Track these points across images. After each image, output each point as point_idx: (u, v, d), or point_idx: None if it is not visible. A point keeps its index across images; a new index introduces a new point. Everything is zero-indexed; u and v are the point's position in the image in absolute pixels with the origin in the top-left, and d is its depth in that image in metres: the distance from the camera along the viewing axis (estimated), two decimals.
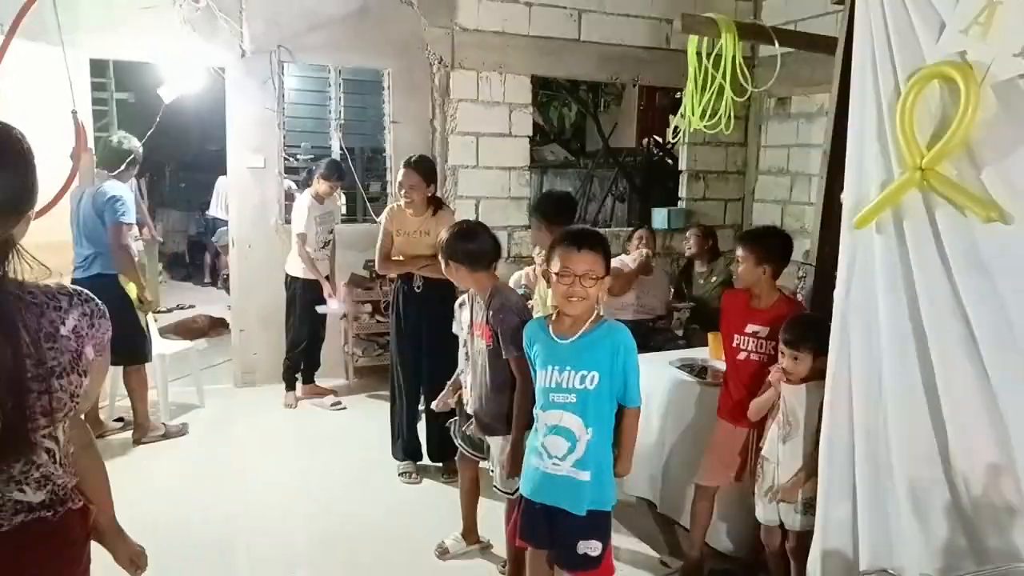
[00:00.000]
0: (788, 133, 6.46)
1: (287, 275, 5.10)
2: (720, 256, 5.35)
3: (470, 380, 2.88)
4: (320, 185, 5.01)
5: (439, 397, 3.13)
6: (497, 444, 2.79)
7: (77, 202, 4.34)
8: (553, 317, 2.35)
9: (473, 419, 2.86)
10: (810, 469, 2.48)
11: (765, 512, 2.68)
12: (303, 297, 5.03)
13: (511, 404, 2.65)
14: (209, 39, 5.08)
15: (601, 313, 2.34)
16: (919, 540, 2.12)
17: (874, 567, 2.13)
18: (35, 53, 4.45)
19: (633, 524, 3.41)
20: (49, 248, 4.76)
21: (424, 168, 3.89)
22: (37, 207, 1.35)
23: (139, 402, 4.38)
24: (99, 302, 1.40)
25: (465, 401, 2.95)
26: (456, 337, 3.01)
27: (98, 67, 7.08)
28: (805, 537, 2.52)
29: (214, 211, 9.09)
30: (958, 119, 1.95)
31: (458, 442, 3.08)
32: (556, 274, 2.25)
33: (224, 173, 7.71)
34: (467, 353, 2.91)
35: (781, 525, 2.65)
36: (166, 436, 4.45)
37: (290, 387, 5.15)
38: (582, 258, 2.21)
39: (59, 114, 4.47)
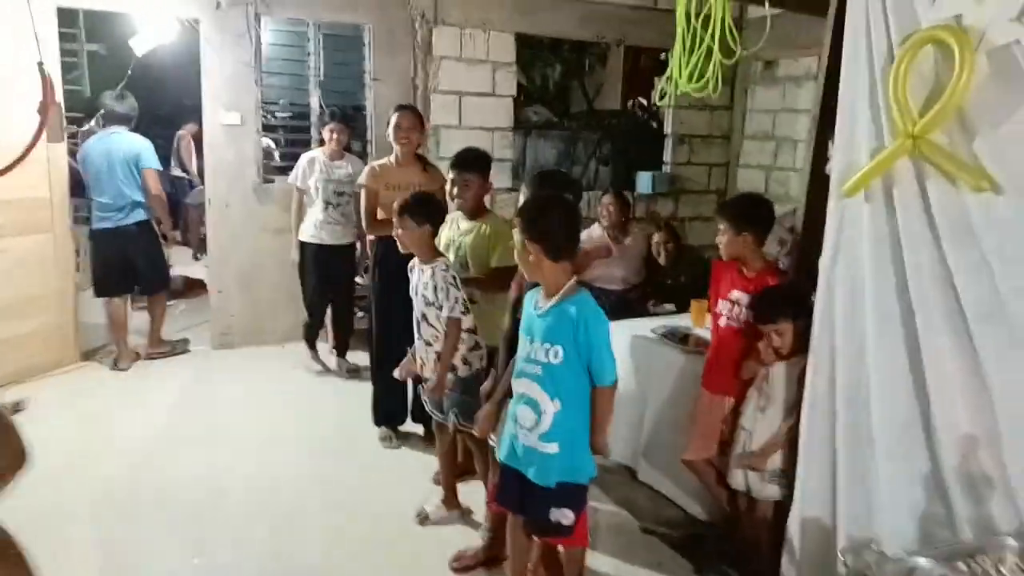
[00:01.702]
0: (774, 97, 6.40)
1: None
2: (683, 255, 4.90)
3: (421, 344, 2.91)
4: (326, 135, 4.79)
5: (401, 365, 3.11)
6: None
7: (87, 155, 4.74)
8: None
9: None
10: (782, 439, 2.48)
11: (734, 478, 2.68)
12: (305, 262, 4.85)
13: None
14: None
15: (574, 285, 2.25)
16: (898, 509, 2.13)
17: (854, 537, 2.14)
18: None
19: (612, 490, 3.42)
20: (23, 204, 4.69)
21: (418, 113, 3.91)
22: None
23: (158, 322, 5.15)
24: None
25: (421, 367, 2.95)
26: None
27: (68, 17, 6.83)
28: (769, 506, 2.54)
29: (174, 168, 8.53)
30: (951, 86, 1.90)
31: (430, 408, 3.05)
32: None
33: (179, 128, 7.51)
34: (421, 317, 2.90)
35: (748, 492, 2.65)
36: (172, 352, 5.19)
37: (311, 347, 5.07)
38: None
39: (25, 66, 4.32)
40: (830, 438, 2.27)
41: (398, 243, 2.99)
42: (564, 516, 2.29)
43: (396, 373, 3.18)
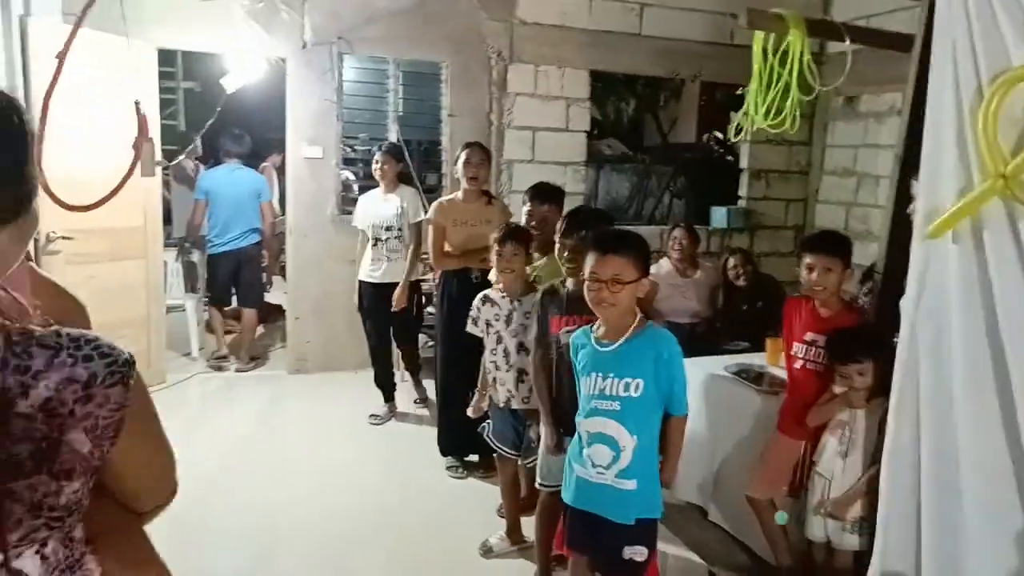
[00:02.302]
0: (856, 133, 6.23)
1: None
2: (761, 280, 4.85)
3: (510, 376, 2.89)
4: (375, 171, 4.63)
5: (473, 404, 3.14)
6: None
7: (214, 188, 5.49)
8: (598, 323, 2.31)
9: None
10: (865, 488, 2.38)
11: (814, 528, 2.58)
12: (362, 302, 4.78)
13: None
14: (271, 30, 5.15)
15: (645, 318, 2.27)
16: (988, 567, 2.01)
17: None
18: (103, 43, 4.56)
19: (682, 530, 3.33)
20: (118, 233, 4.96)
21: (486, 149, 4.01)
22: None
23: (248, 335, 5.77)
24: (116, 358, 0.94)
25: (503, 399, 2.95)
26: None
27: (166, 57, 7.26)
28: (848, 557, 2.43)
29: None
30: None
31: (494, 443, 3.05)
32: (586, 279, 2.21)
33: (263, 159, 7.88)
34: (503, 350, 2.91)
35: (828, 542, 2.54)
36: (255, 366, 5.71)
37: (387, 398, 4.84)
38: (607, 262, 2.17)
39: (124, 103, 4.60)
40: (914, 488, 2.16)
41: (501, 272, 2.99)
42: (638, 553, 2.26)
43: (470, 413, 3.22)
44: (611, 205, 9.04)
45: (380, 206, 4.58)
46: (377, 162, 4.56)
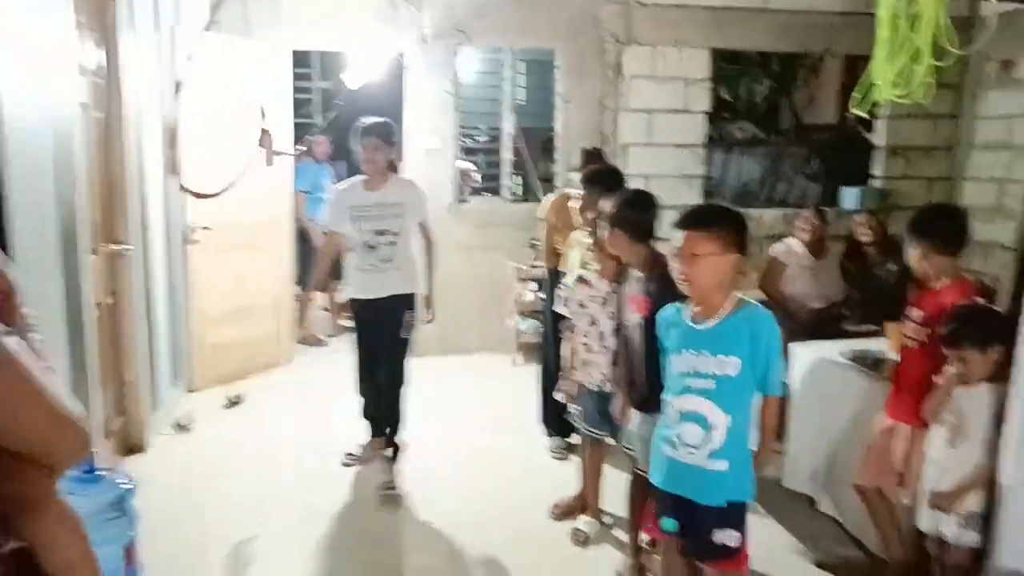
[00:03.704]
0: (1012, 102, 5.64)
1: None
2: (897, 244, 4.63)
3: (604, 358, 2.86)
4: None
5: (562, 388, 3.17)
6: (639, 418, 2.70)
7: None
8: (691, 302, 2.25)
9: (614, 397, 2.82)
10: (977, 479, 2.18)
11: (924, 520, 2.40)
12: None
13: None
14: (391, 26, 5.35)
15: (742, 297, 2.20)
16: None
17: None
18: (238, 47, 4.93)
19: (791, 520, 3.20)
20: (253, 224, 5.34)
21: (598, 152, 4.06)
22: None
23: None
24: None
25: (596, 381, 2.93)
26: None
27: (303, 58, 7.72)
28: (964, 555, 2.24)
29: None
30: None
31: (584, 426, 3.04)
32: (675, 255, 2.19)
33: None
34: (598, 332, 2.91)
35: (940, 537, 2.35)
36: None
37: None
38: (690, 238, 2.14)
39: (258, 105, 4.97)
40: None
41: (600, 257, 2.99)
42: (730, 537, 2.19)
43: (557, 396, 3.24)
44: (741, 189, 8.72)
45: (367, 203, 3.57)
46: (364, 146, 3.51)
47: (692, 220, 2.18)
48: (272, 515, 3.22)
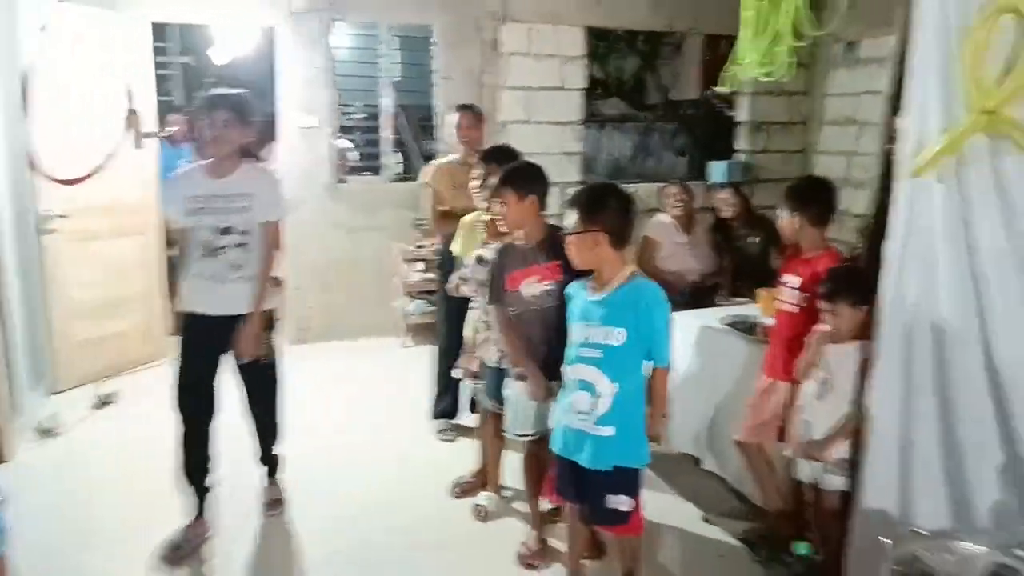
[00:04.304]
0: (857, 80, 6.11)
1: None
2: (757, 216, 4.79)
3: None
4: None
5: (459, 364, 3.19)
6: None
7: None
8: (593, 275, 2.33)
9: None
10: (845, 428, 2.40)
11: (800, 470, 2.62)
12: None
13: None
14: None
15: (634, 271, 2.30)
16: (973, 503, 2.03)
17: (921, 529, 2.04)
18: (93, 17, 4.54)
19: (676, 480, 3.37)
20: (115, 209, 4.98)
21: (478, 112, 3.95)
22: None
23: None
24: None
25: (495, 358, 2.94)
26: None
27: (162, 32, 7.22)
28: (835, 497, 2.46)
29: None
30: None
31: (489, 402, 3.06)
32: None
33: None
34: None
35: (816, 483, 2.57)
36: None
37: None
38: (583, 217, 2.26)
39: (116, 79, 4.61)
40: (898, 428, 2.16)
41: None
42: (621, 502, 2.31)
43: (455, 373, 3.26)
44: (614, 165, 8.98)
45: (207, 192, 2.81)
46: (209, 122, 2.79)
47: (586, 200, 2.26)
48: (152, 525, 3.00)
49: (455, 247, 3.38)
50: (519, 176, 2.68)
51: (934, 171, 2.06)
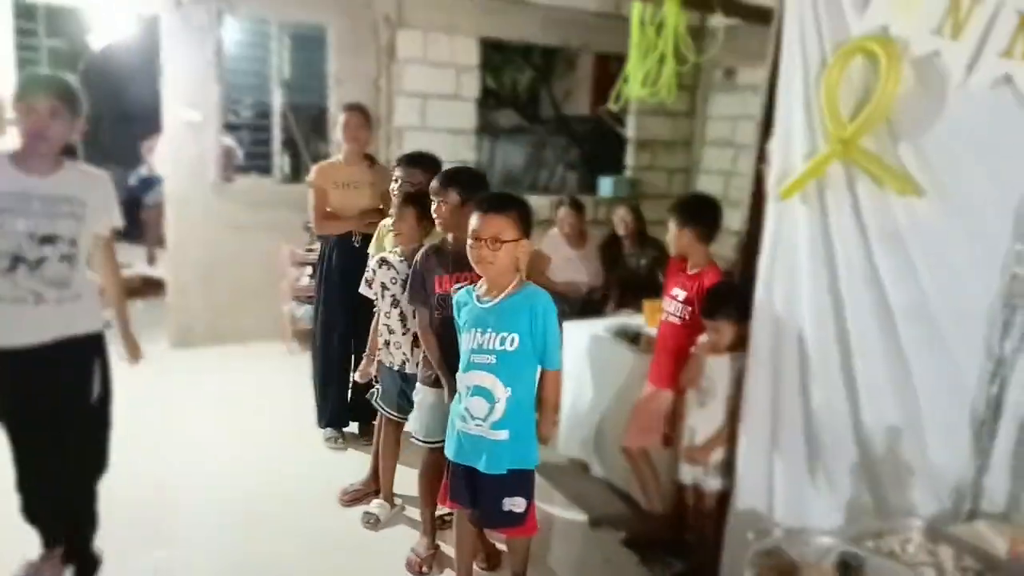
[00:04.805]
0: (735, 104, 6.51)
1: None
2: (649, 237, 5.07)
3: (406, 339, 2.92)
4: None
5: (361, 368, 3.16)
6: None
7: None
8: (480, 282, 2.37)
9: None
10: (723, 434, 2.56)
11: (683, 474, 2.75)
12: None
13: None
14: None
15: (523, 278, 2.36)
16: (830, 499, 2.22)
17: (786, 527, 2.22)
18: None
19: (563, 485, 3.47)
20: None
21: (366, 112, 3.92)
22: None
23: None
24: None
25: (398, 362, 2.96)
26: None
27: (27, 12, 6.74)
28: (714, 499, 2.62)
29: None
30: (879, 94, 1.99)
31: (382, 407, 3.06)
32: (469, 238, 2.29)
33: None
34: (399, 313, 2.92)
35: (697, 486, 2.72)
36: None
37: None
38: (488, 221, 2.26)
39: None
40: (768, 432, 2.34)
41: (396, 235, 2.96)
42: (516, 504, 2.37)
43: (356, 377, 3.23)
44: (506, 176, 9.13)
45: (17, 189, 2.29)
46: (28, 107, 2.27)
47: (496, 205, 2.29)
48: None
49: (372, 248, 3.37)
50: (465, 178, 2.71)
51: (799, 193, 2.25)
